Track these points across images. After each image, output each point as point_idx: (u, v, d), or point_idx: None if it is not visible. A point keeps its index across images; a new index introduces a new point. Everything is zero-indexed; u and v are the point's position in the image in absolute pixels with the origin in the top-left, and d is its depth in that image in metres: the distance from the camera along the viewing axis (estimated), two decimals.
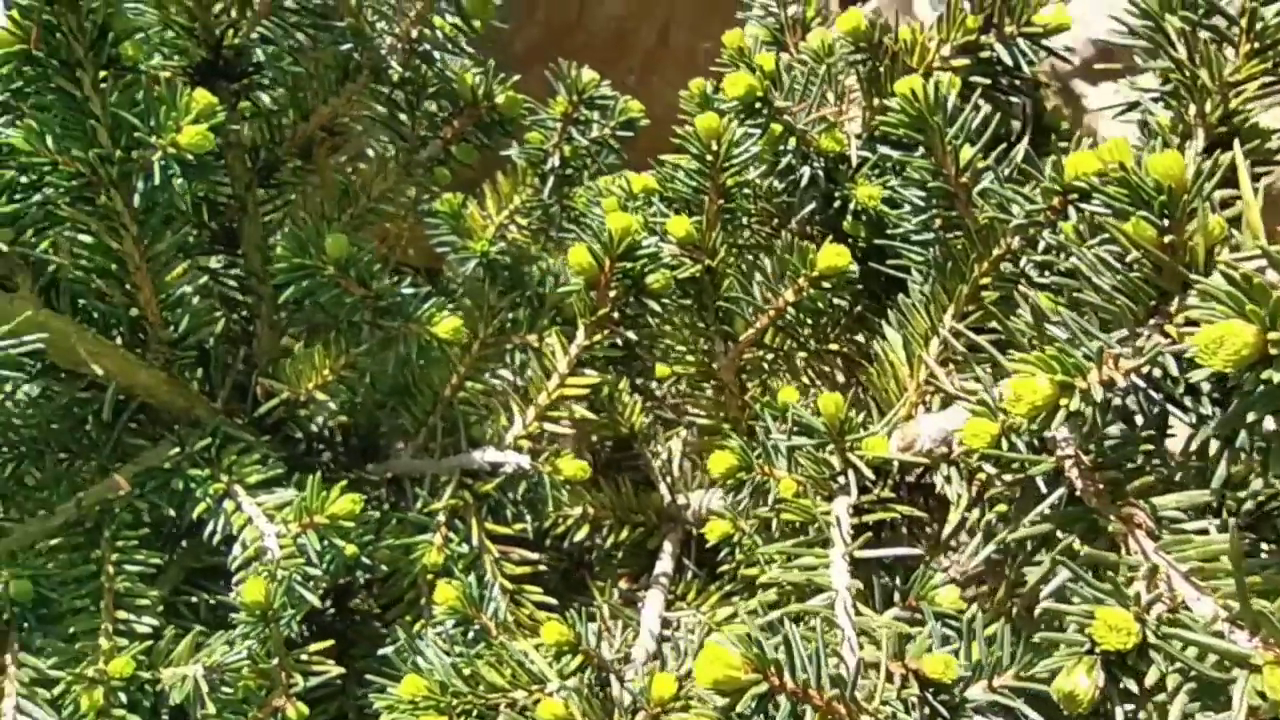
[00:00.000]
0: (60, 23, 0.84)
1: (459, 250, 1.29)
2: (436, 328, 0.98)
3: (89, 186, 0.88)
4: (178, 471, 0.91)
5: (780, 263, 0.94)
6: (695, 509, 1.16)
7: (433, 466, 1.05)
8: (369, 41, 1.01)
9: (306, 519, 0.88)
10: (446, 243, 1.30)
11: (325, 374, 1.05)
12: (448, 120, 1.07)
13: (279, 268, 0.98)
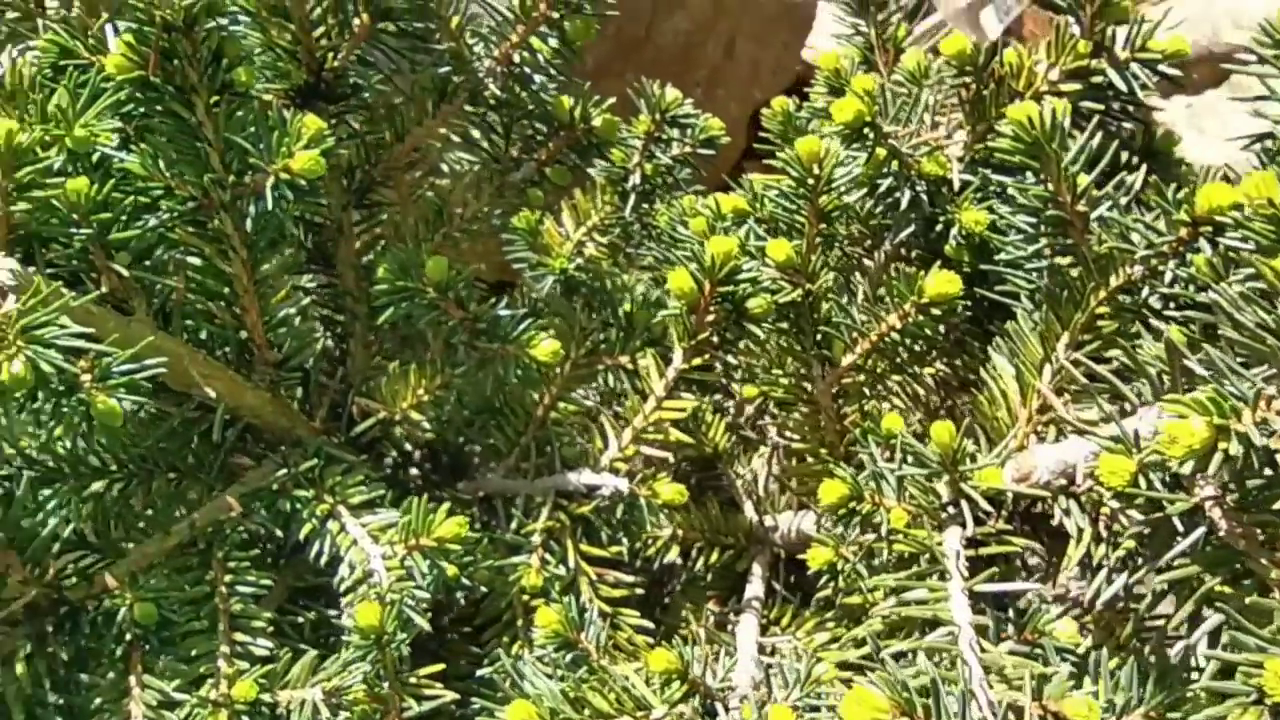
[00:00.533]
0: (176, 49, 0.85)
1: (535, 266, 1.29)
2: (535, 350, 0.98)
3: (201, 210, 0.89)
4: (284, 492, 0.91)
5: (886, 287, 0.93)
6: (784, 532, 1.15)
7: (526, 487, 1.05)
8: (468, 64, 1.01)
9: (413, 541, 0.88)
10: (522, 259, 1.30)
11: (420, 393, 1.05)
12: (542, 142, 1.07)
13: (380, 289, 0.99)
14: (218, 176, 0.87)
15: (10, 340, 0.69)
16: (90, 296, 0.76)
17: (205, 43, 0.86)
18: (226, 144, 0.87)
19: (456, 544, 0.88)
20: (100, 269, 0.83)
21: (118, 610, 0.74)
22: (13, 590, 0.70)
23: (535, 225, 1.29)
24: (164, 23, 0.83)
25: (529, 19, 0.98)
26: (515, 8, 0.98)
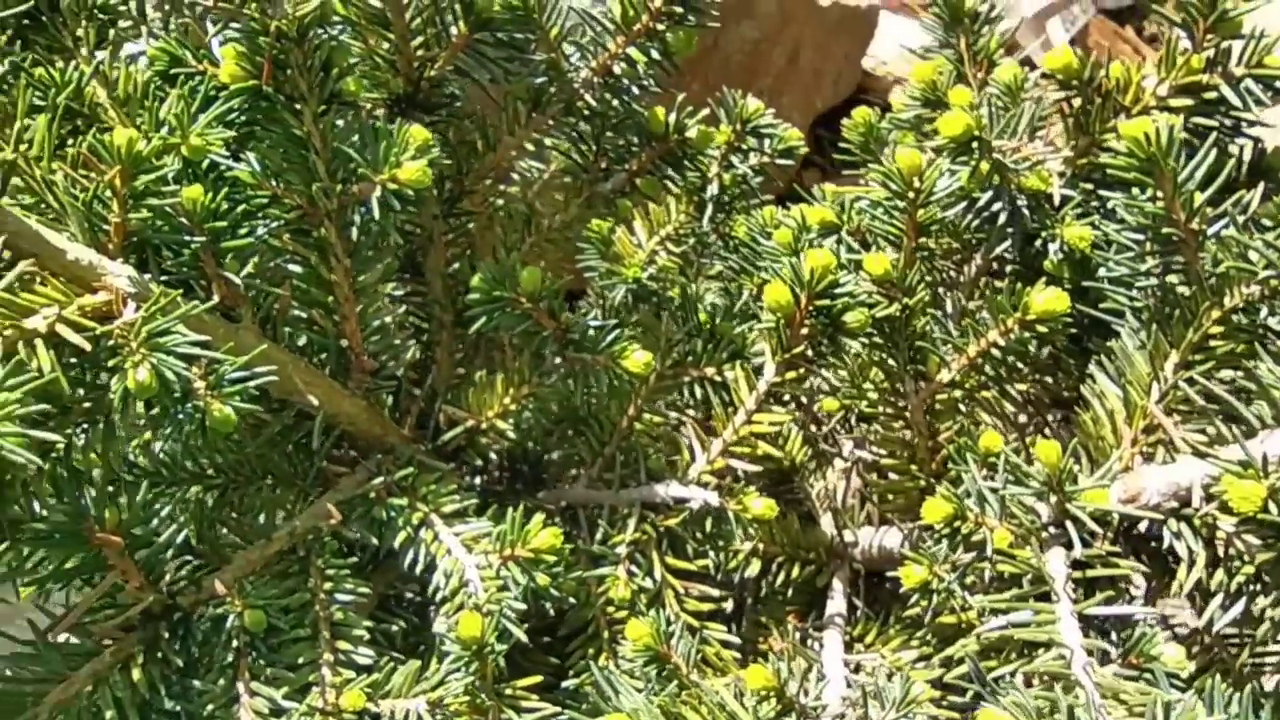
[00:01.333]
0: (288, 59, 0.86)
1: (607, 275, 1.29)
2: (626, 362, 0.98)
3: (306, 218, 0.90)
4: (379, 500, 0.92)
5: (988, 302, 0.92)
6: (864, 547, 1.14)
7: (611, 498, 1.05)
8: (564, 75, 1.01)
9: (508, 551, 0.89)
10: (592, 267, 1.31)
11: (506, 402, 1.06)
12: (634, 153, 1.07)
13: (474, 299, 0.99)
14: (324, 185, 0.88)
15: (134, 348, 0.70)
16: (206, 305, 0.76)
17: (316, 52, 0.87)
18: (334, 153, 0.88)
19: (551, 555, 0.88)
20: (211, 276, 0.84)
21: (226, 616, 0.75)
22: (129, 596, 0.71)
23: (608, 234, 1.29)
24: (278, 32, 0.85)
25: (630, 30, 0.98)
26: (617, 19, 0.98)
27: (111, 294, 0.75)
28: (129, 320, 0.70)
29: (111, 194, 0.78)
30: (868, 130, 1.34)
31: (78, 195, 0.77)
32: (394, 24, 0.99)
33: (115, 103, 0.85)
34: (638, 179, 1.08)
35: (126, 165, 0.77)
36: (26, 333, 0.68)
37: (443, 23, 1.00)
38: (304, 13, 0.84)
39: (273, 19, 0.85)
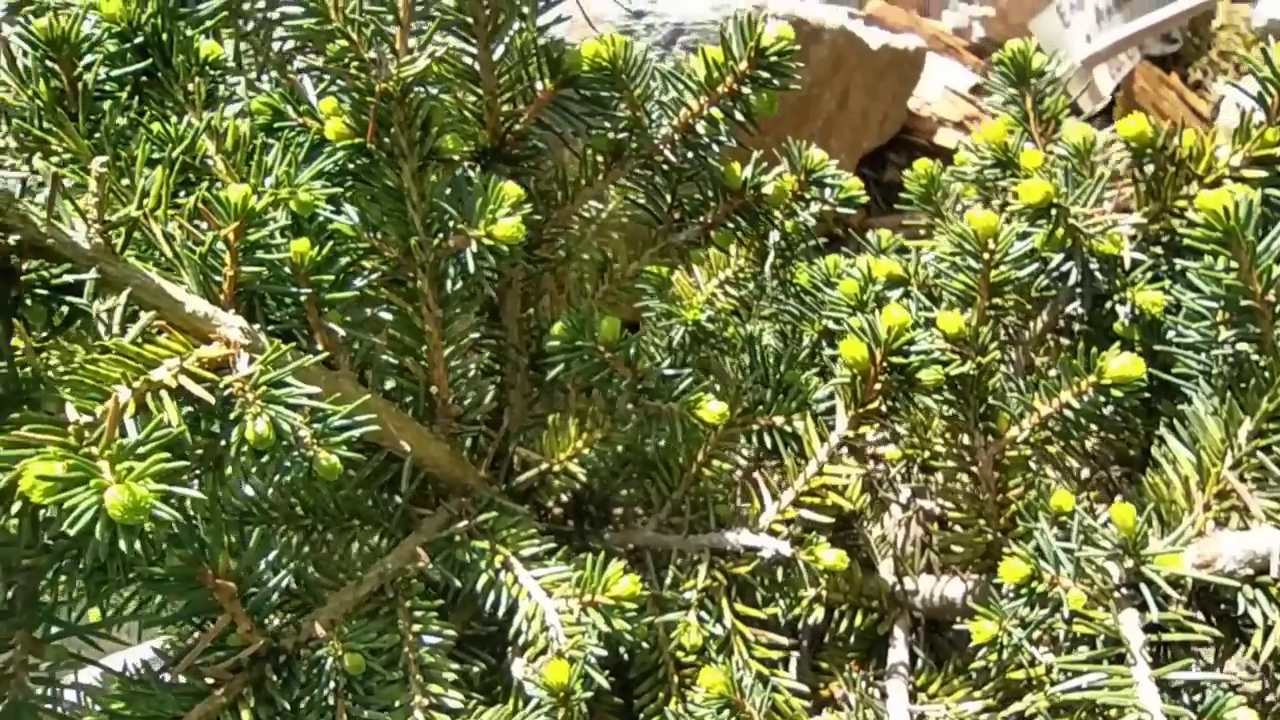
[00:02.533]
0: (391, 117, 0.90)
1: (665, 316, 1.32)
2: (701, 411, 1.00)
3: (401, 269, 0.93)
4: (462, 543, 0.94)
5: (1061, 364, 0.94)
6: (924, 596, 1.16)
7: (679, 543, 1.07)
8: (646, 132, 1.04)
9: (588, 597, 0.91)
10: (649, 307, 1.33)
11: (578, 445, 1.08)
12: (709, 205, 1.10)
13: (553, 346, 1.02)
14: (420, 238, 0.91)
15: (251, 399, 0.73)
16: (319, 357, 0.79)
17: (418, 111, 0.90)
18: (430, 207, 0.91)
19: (631, 602, 0.91)
20: (313, 326, 0.87)
21: (326, 659, 0.77)
22: (239, 639, 0.74)
23: (667, 276, 1.32)
24: (384, 92, 0.88)
25: (713, 92, 1.00)
26: (700, 81, 1.01)
27: (227, 345, 0.78)
28: (246, 372, 0.73)
29: (225, 247, 0.81)
30: (930, 182, 1.37)
31: (194, 249, 0.80)
32: (483, 80, 1.02)
33: (223, 156, 0.89)
34: (712, 231, 1.11)
35: (240, 220, 0.80)
36: (153, 385, 0.71)
37: (529, 78, 1.04)
38: (409, 74, 0.88)
39: (378, 79, 0.88)
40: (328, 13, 0.88)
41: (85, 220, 0.74)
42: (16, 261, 0.70)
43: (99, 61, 0.84)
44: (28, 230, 0.70)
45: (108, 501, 0.56)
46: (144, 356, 0.72)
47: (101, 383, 0.68)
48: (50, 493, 0.58)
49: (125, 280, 0.75)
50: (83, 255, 0.73)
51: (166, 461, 0.59)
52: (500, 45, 1.01)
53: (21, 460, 0.60)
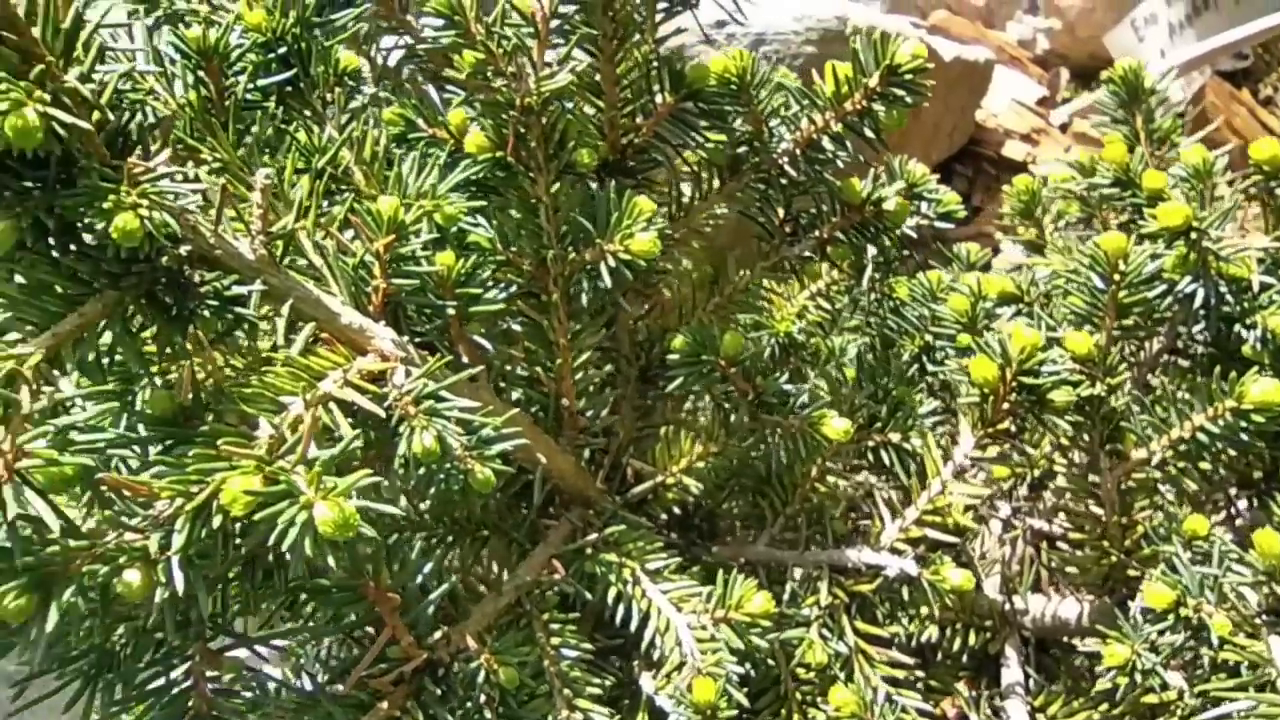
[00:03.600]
0: (530, 131, 0.90)
1: (755, 328, 1.32)
2: (825, 428, 1.00)
3: (535, 282, 0.93)
4: (592, 556, 0.94)
5: (1196, 387, 0.93)
6: (1035, 615, 1.15)
7: (796, 558, 1.06)
8: (767, 147, 1.04)
9: (721, 613, 0.91)
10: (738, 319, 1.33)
11: (693, 458, 1.08)
12: (826, 219, 1.10)
13: (674, 360, 1.02)
14: (556, 252, 0.91)
15: (413, 412, 0.73)
16: (475, 370, 0.79)
17: (556, 125, 0.90)
18: (566, 220, 0.91)
19: (765, 619, 0.90)
20: (455, 338, 0.87)
21: (478, 671, 0.77)
22: (399, 652, 0.74)
23: (757, 286, 1.31)
24: (524, 106, 0.88)
25: (840, 108, 1.00)
26: (828, 96, 1.00)
27: (382, 358, 0.78)
28: (409, 385, 0.73)
29: (375, 259, 0.81)
30: (1031, 198, 1.36)
31: (346, 260, 0.80)
32: (606, 93, 1.02)
33: (362, 166, 0.89)
34: (828, 246, 1.10)
35: (391, 231, 0.81)
36: (323, 397, 0.71)
37: (650, 91, 1.04)
38: (550, 88, 0.88)
39: (519, 93, 0.88)
40: (468, 26, 0.89)
41: (249, 231, 0.74)
42: (189, 272, 0.70)
43: (247, 71, 0.84)
44: (197, 241, 0.71)
45: (318, 518, 0.56)
46: (312, 369, 0.72)
47: (277, 394, 0.68)
48: (251, 507, 0.58)
49: (287, 292, 0.75)
50: (248, 266, 0.73)
51: (367, 477, 0.59)
52: (624, 58, 1.01)
53: (214, 473, 0.60)
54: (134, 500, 0.60)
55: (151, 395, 0.66)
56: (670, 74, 1.03)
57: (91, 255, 0.65)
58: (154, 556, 0.57)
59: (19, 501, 0.54)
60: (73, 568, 0.57)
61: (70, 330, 0.63)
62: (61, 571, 0.56)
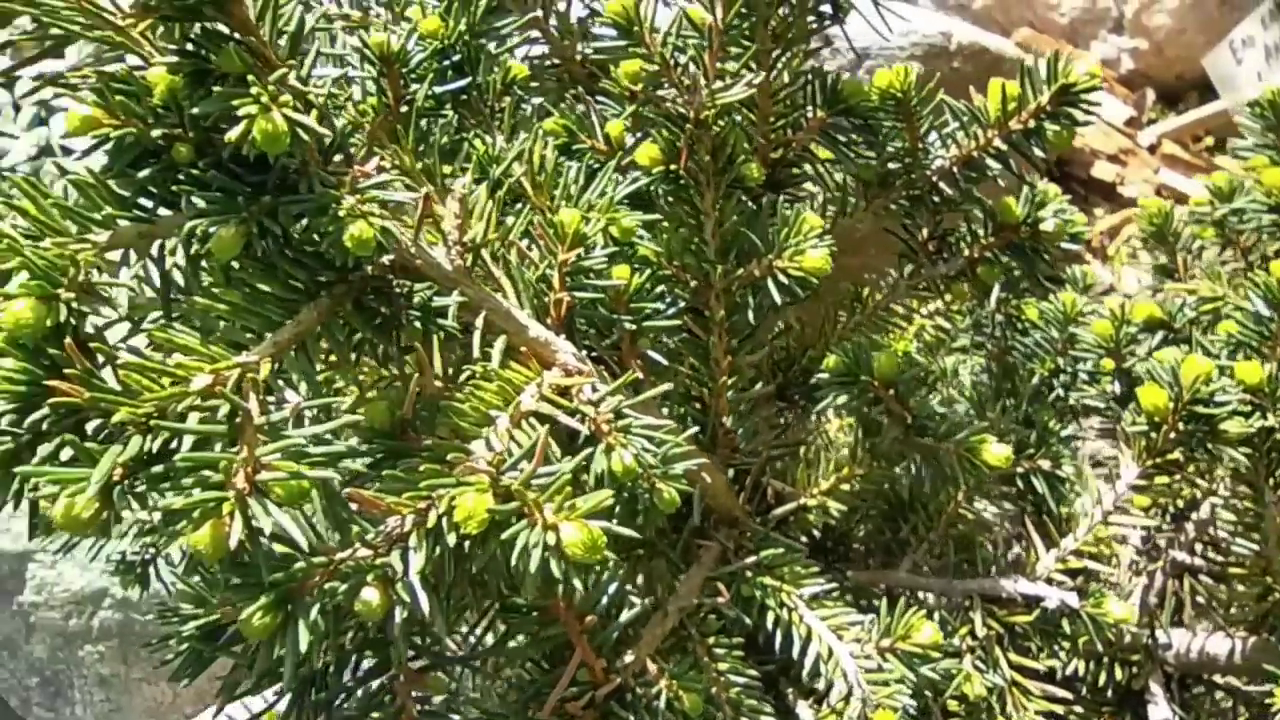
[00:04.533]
0: (699, 145, 0.88)
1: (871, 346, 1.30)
2: (985, 454, 0.97)
3: (697, 297, 0.91)
4: (749, 579, 0.92)
5: None
6: (1178, 650, 1.11)
7: (943, 586, 1.04)
8: (921, 164, 1.02)
9: (886, 642, 0.88)
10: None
11: (835, 480, 1.06)
12: (976, 239, 1.07)
13: (825, 379, 1.00)
14: (720, 266, 0.89)
15: (606, 429, 0.71)
16: (663, 388, 0.78)
17: (725, 138, 0.89)
18: (733, 235, 0.89)
19: (935, 651, 0.88)
20: (626, 353, 0.86)
21: (659, 695, 0.75)
22: (590, 676, 0.72)
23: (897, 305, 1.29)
24: (697, 120, 0.87)
25: (1005, 126, 0.98)
26: (991, 114, 0.98)
27: (567, 372, 0.76)
28: (608, 402, 0.72)
29: (554, 271, 0.80)
30: (1164, 221, 1.34)
31: (528, 272, 0.79)
32: (760, 106, 1.00)
33: (530, 177, 0.88)
34: (978, 266, 1.08)
35: (573, 243, 0.79)
36: (524, 412, 0.69)
37: (802, 105, 1.02)
38: (726, 100, 0.86)
39: (692, 106, 0.87)
40: (644, 36, 0.87)
41: (445, 241, 0.73)
42: (395, 282, 0.69)
43: (427, 78, 0.83)
44: (400, 251, 0.69)
45: (566, 540, 0.54)
46: (513, 383, 0.70)
47: (487, 408, 0.67)
48: (485, 525, 0.56)
49: (480, 303, 0.74)
50: (446, 277, 0.72)
51: (608, 499, 0.57)
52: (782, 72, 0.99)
53: (444, 489, 0.59)
54: (364, 516, 0.58)
55: (370, 407, 0.65)
56: (823, 88, 1.01)
57: (305, 263, 0.64)
58: (392, 575, 0.56)
59: (261, 516, 0.52)
60: (310, 585, 0.55)
61: (289, 338, 0.62)
62: (300, 588, 0.55)
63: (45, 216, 0.57)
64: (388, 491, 0.58)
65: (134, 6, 0.58)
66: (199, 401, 0.55)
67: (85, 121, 0.58)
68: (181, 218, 0.61)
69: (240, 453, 0.55)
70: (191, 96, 0.59)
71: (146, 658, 1.77)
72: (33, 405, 0.53)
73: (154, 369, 0.55)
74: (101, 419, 0.54)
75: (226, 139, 0.55)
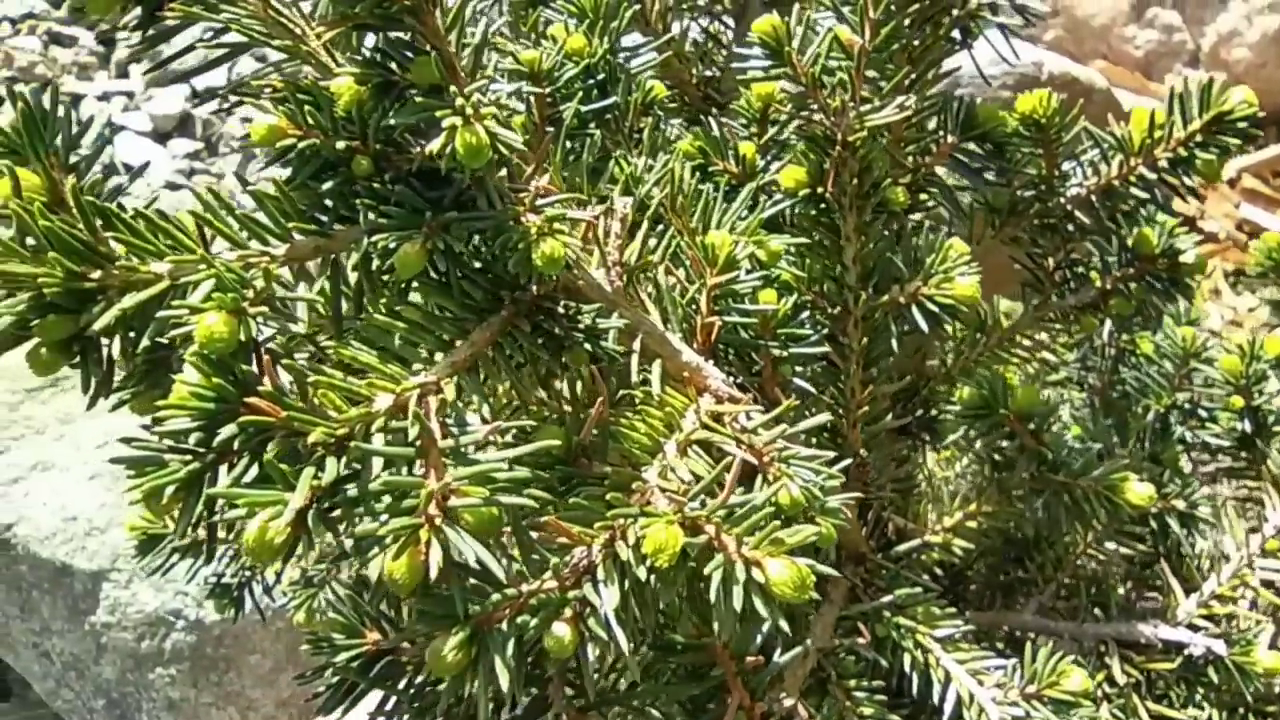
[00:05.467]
0: (843, 168, 0.86)
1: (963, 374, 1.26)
2: (1128, 493, 0.93)
3: (836, 323, 0.88)
4: (885, 619, 0.89)
5: None
6: None
7: (1073, 630, 1.00)
8: (1055, 192, 0.99)
9: (1032, 689, 0.84)
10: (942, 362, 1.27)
11: (960, 517, 1.02)
12: (1108, 269, 1.04)
13: (958, 410, 0.97)
14: (860, 292, 0.87)
15: (768, 460, 0.68)
16: (823, 418, 0.75)
17: (870, 162, 0.86)
18: (876, 260, 0.87)
19: (1086, 699, 0.84)
20: (766, 380, 0.83)
21: None
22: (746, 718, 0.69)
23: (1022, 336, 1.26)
24: (845, 141, 0.84)
25: (1150, 154, 0.95)
26: (1139, 141, 0.95)
27: (718, 399, 0.73)
28: (770, 431, 0.69)
29: (702, 295, 0.77)
30: None
31: (678, 296, 0.77)
32: (892, 131, 0.98)
33: (669, 199, 0.86)
34: (1110, 298, 1.04)
35: (722, 266, 0.77)
36: (689, 440, 0.66)
37: (931, 131, 0.99)
38: (875, 123, 0.84)
39: (839, 128, 0.84)
40: (792, 58, 0.85)
41: (606, 263, 0.71)
42: (559, 301, 0.67)
43: (575, 97, 0.81)
44: (565, 271, 0.67)
45: (774, 577, 0.51)
46: (676, 409, 0.68)
47: (655, 435, 0.64)
48: (676, 559, 0.54)
49: (638, 325, 0.71)
50: (606, 298, 0.70)
51: (811, 535, 0.54)
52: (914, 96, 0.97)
53: (623, 518, 0.56)
54: (546, 547, 0.55)
55: (545, 432, 0.62)
56: (958, 113, 0.98)
57: (480, 281, 0.62)
58: (579, 610, 0.53)
59: (452, 544, 0.50)
60: (497, 618, 0.52)
61: (465, 358, 0.60)
62: (488, 621, 0.52)
63: (226, 228, 0.56)
64: (574, 521, 0.56)
65: (324, 15, 0.56)
66: (387, 423, 0.53)
67: (271, 131, 0.56)
68: (358, 232, 0.59)
69: (428, 477, 0.52)
70: (378, 108, 0.57)
71: (217, 682, 1.74)
72: (220, 423, 0.51)
73: (341, 388, 0.53)
74: (287, 439, 0.52)
75: (427, 151, 0.54)
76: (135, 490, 0.52)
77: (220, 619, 1.71)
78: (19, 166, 0.52)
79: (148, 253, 0.53)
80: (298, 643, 1.86)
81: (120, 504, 1.84)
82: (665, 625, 0.68)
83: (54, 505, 1.83)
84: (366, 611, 0.66)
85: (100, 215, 0.52)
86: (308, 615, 1.24)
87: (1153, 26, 2.56)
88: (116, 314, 0.51)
